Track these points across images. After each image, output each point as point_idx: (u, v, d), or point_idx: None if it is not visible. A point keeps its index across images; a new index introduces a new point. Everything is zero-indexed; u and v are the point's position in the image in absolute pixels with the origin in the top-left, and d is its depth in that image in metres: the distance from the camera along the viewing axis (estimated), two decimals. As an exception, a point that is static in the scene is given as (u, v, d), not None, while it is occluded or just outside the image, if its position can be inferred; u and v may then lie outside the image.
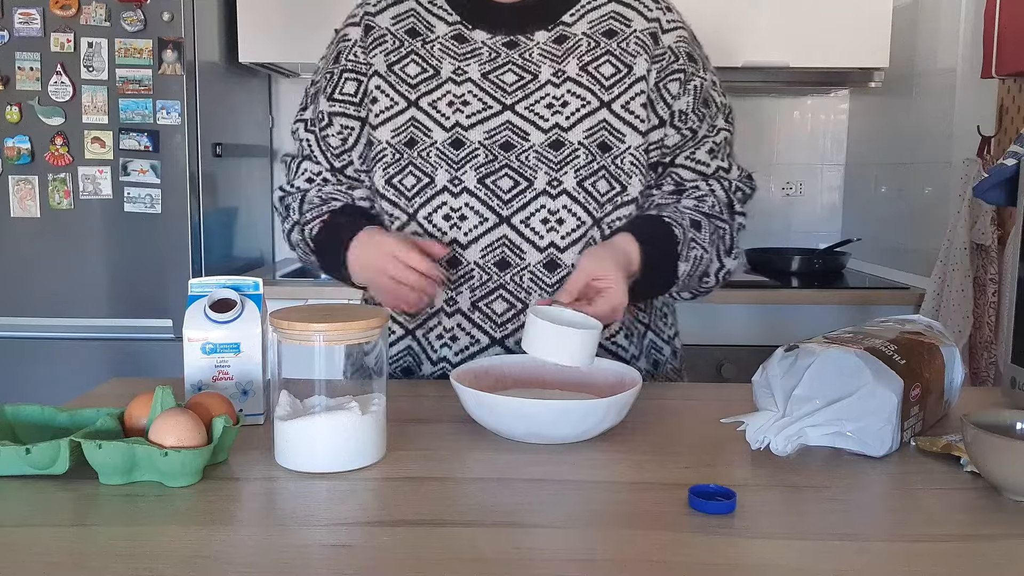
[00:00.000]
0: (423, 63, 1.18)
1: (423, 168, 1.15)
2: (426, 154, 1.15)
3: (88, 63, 2.24)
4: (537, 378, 1.06)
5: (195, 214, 2.34)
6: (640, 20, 1.18)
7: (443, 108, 1.15)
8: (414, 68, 1.17)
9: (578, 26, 1.18)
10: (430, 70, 1.17)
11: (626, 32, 1.18)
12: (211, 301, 0.98)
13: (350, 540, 0.68)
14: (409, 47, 1.19)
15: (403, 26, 1.20)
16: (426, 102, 1.16)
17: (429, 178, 1.15)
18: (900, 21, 2.58)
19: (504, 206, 1.13)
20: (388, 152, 1.17)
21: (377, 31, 1.21)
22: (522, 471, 0.84)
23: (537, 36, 1.17)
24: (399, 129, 1.16)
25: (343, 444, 0.84)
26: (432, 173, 1.14)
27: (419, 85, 1.17)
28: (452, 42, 1.18)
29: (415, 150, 1.15)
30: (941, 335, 1.03)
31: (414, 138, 1.15)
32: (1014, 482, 0.77)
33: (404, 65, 1.18)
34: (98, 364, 2.31)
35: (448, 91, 1.16)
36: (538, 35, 1.17)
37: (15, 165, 2.27)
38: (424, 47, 1.18)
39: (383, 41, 1.20)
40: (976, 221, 2.15)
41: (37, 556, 0.65)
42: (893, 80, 2.66)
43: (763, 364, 0.93)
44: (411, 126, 1.16)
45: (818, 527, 0.72)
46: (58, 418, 0.89)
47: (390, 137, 1.17)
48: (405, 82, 1.17)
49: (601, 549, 0.67)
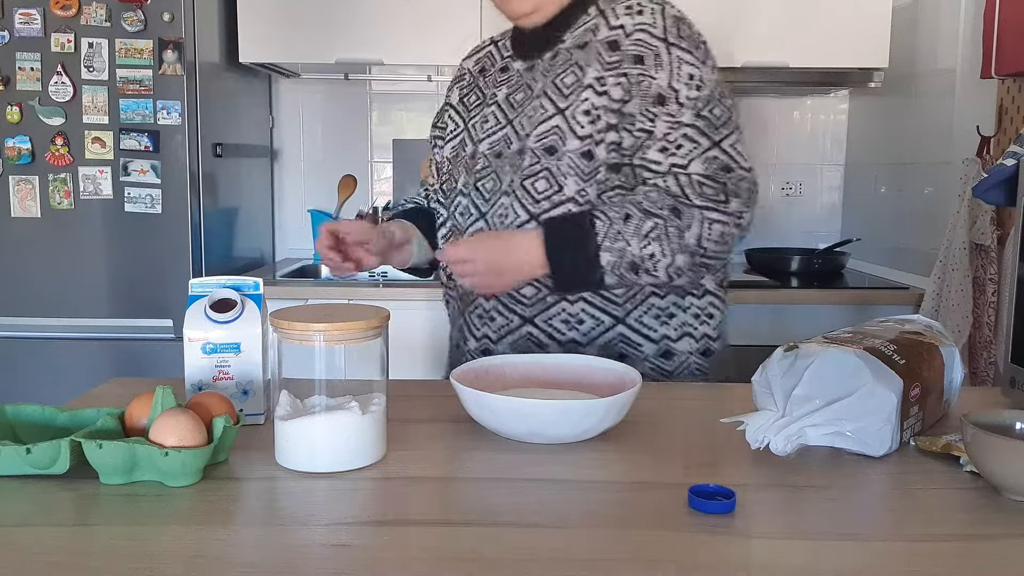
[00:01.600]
0: (479, 92, 1.40)
1: (456, 176, 1.38)
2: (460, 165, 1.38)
3: (88, 63, 2.24)
4: (537, 378, 1.06)
5: (195, 214, 2.34)
6: (604, 29, 1.26)
7: (478, 127, 1.36)
8: (473, 98, 1.40)
9: (567, 42, 1.30)
10: (482, 97, 1.39)
11: (592, 41, 1.26)
12: (211, 301, 0.98)
13: (350, 540, 0.68)
14: (474, 81, 1.42)
15: (477, 66, 1.44)
16: (472, 124, 1.38)
17: (455, 182, 1.37)
18: (900, 21, 2.58)
19: (485, 203, 1.31)
20: (445, 166, 1.41)
21: (461, 70, 1.47)
22: (522, 471, 0.84)
23: (545, 56, 1.31)
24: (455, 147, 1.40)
25: (343, 444, 0.84)
26: (457, 179, 1.37)
27: (473, 111, 1.39)
28: (499, 72, 1.39)
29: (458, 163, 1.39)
30: (941, 335, 1.03)
31: (459, 154, 1.39)
32: (1014, 482, 0.77)
33: (468, 95, 1.42)
34: (98, 364, 2.31)
35: (482, 112, 1.37)
36: (546, 56, 1.31)
37: (15, 165, 2.27)
38: (484, 79, 1.41)
39: (461, 79, 1.45)
40: (976, 221, 2.15)
41: (37, 556, 0.65)
42: (893, 80, 2.66)
43: (763, 364, 0.94)
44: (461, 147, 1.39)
45: (818, 527, 0.72)
46: (58, 418, 0.89)
47: (449, 154, 1.41)
48: (467, 110, 1.40)
49: (601, 549, 0.67)
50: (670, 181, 1.21)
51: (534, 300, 1.28)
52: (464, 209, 1.34)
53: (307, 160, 3.03)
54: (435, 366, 2.40)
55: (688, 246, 1.20)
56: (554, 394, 1.04)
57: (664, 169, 1.22)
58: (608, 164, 1.23)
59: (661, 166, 1.22)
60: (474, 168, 1.33)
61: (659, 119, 1.21)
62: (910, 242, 2.60)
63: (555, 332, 1.28)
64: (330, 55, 2.58)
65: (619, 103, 1.22)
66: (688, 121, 1.21)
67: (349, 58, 2.58)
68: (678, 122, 1.21)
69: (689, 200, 1.20)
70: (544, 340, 1.28)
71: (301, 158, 3.03)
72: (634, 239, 1.18)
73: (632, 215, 1.19)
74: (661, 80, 1.21)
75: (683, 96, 1.21)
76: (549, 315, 1.28)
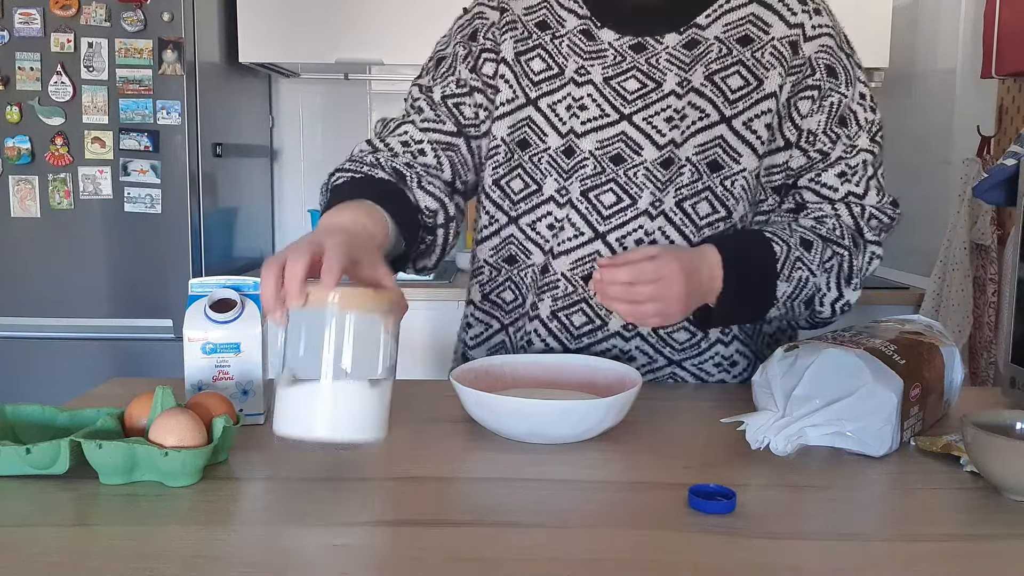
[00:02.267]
0: (549, 59, 1.12)
1: (532, 174, 1.12)
2: (537, 159, 1.11)
3: (88, 63, 2.24)
4: (537, 378, 1.06)
5: (195, 214, 2.34)
6: (781, 26, 1.08)
7: (561, 112, 1.10)
8: (539, 63, 1.12)
9: (712, 29, 1.09)
10: (555, 68, 1.11)
11: (763, 40, 1.08)
12: (211, 301, 0.98)
13: (350, 540, 0.68)
14: (537, 40, 1.13)
15: (534, 18, 1.14)
16: (545, 103, 1.11)
17: (537, 185, 1.12)
18: (900, 21, 2.58)
19: (603, 222, 1.09)
20: (502, 149, 1.14)
21: (510, 15, 1.15)
22: (522, 471, 0.84)
23: (667, 39, 1.09)
24: (515, 127, 1.13)
25: (344, 411, 0.79)
26: (541, 180, 1.12)
27: (541, 83, 1.11)
28: (580, 38, 1.11)
29: (527, 153, 1.12)
30: (941, 335, 1.03)
31: (527, 140, 1.12)
32: (1014, 482, 0.77)
33: (530, 59, 1.12)
34: (98, 364, 2.31)
35: (568, 93, 1.10)
36: (668, 38, 1.09)
37: (15, 165, 2.27)
38: (553, 42, 1.12)
39: (514, 27, 1.14)
40: (976, 221, 2.15)
41: (37, 556, 0.65)
42: (893, 80, 2.66)
43: (763, 364, 0.94)
44: (526, 126, 1.12)
45: (818, 527, 0.72)
46: (58, 418, 0.89)
47: (505, 134, 1.13)
48: (528, 77, 1.12)
49: (601, 549, 0.67)
50: (842, 210, 1.10)
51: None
52: (560, 223, 1.10)
53: (307, 160, 3.03)
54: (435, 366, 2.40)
55: (853, 280, 1.09)
56: (554, 394, 1.03)
57: (838, 196, 1.10)
58: (773, 186, 1.11)
59: (837, 192, 1.10)
60: (575, 171, 1.09)
61: (840, 141, 1.09)
62: (910, 242, 2.60)
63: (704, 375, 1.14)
64: (330, 55, 2.58)
65: (803, 119, 1.08)
66: (864, 146, 1.10)
67: (349, 58, 2.58)
68: (853, 146, 1.10)
69: (863, 233, 1.10)
70: None
71: (301, 158, 3.03)
72: (817, 271, 1.05)
73: (813, 242, 1.05)
74: (847, 96, 1.09)
75: (861, 118, 1.10)
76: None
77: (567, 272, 1.12)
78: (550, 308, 1.14)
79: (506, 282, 1.19)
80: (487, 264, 1.20)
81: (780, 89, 1.07)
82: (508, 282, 1.19)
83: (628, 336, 1.12)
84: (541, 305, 1.14)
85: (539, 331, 1.15)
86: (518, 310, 1.18)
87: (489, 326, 1.22)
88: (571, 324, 1.13)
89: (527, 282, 1.16)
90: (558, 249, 1.12)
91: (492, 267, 1.20)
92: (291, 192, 3.04)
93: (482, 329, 1.23)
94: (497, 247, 1.18)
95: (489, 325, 1.22)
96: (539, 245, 1.13)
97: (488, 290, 1.21)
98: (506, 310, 1.19)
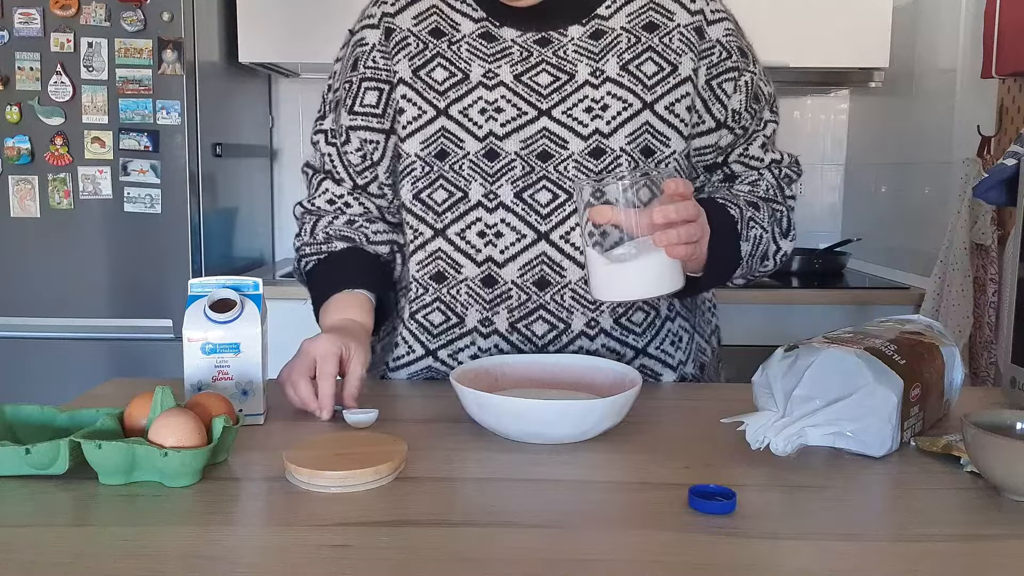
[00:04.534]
0: (451, 66, 1.10)
1: (455, 182, 1.10)
2: (458, 167, 1.10)
3: (88, 63, 2.24)
4: (537, 378, 1.06)
5: (195, 214, 2.34)
6: (683, 13, 1.11)
7: (475, 116, 1.08)
8: (441, 73, 1.10)
9: (615, 19, 1.10)
10: (459, 74, 1.09)
11: (669, 26, 1.10)
12: (211, 301, 0.98)
13: (350, 540, 0.68)
14: (434, 49, 1.10)
15: (426, 26, 1.12)
16: (456, 110, 1.09)
17: (462, 192, 1.10)
18: (900, 21, 2.58)
19: (543, 221, 1.08)
20: (417, 165, 1.12)
21: (399, 33, 1.13)
22: (522, 471, 0.84)
23: (571, 31, 1.09)
24: (428, 140, 1.10)
25: None
26: (465, 187, 1.10)
27: (448, 91, 1.09)
28: (480, 41, 1.10)
29: (446, 162, 1.10)
30: (941, 335, 1.03)
31: (445, 149, 1.09)
32: (1014, 482, 0.77)
33: (431, 70, 1.10)
34: (98, 364, 2.31)
35: (480, 97, 1.08)
36: (572, 30, 1.09)
37: (15, 165, 2.27)
38: (450, 48, 1.10)
39: (406, 44, 1.12)
40: (976, 221, 2.15)
41: (37, 556, 0.65)
42: (893, 80, 2.66)
43: (763, 364, 0.93)
44: (441, 136, 1.10)
45: (818, 527, 0.72)
46: (58, 418, 0.89)
47: (419, 149, 1.11)
48: (433, 89, 1.10)
49: (601, 549, 0.67)
50: (767, 175, 1.19)
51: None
52: (494, 228, 1.09)
53: (307, 160, 3.03)
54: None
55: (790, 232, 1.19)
56: (554, 394, 1.03)
57: (764, 165, 1.20)
58: (705, 165, 1.18)
59: (763, 162, 1.19)
60: (501, 173, 1.08)
61: (756, 115, 1.17)
62: (910, 242, 2.60)
63: None
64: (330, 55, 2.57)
65: (729, 98, 1.13)
66: (769, 118, 1.20)
67: (349, 58, 2.57)
68: (762, 118, 1.19)
69: (783, 190, 1.20)
70: None
71: (301, 158, 3.02)
72: (767, 227, 1.12)
73: (757, 203, 1.12)
74: (756, 74, 1.16)
75: (765, 92, 1.19)
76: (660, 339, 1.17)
77: (517, 280, 1.10)
78: (507, 320, 1.12)
79: (434, 302, 1.15)
80: (415, 280, 1.18)
81: (695, 73, 1.11)
82: (437, 302, 1.15)
83: (592, 335, 1.12)
84: (496, 319, 1.12)
85: (500, 346, 1.12)
86: (445, 335, 1.15)
87: (412, 349, 1.18)
88: (533, 334, 1.12)
89: (461, 299, 1.13)
90: (502, 257, 1.10)
91: (420, 284, 1.17)
92: (291, 192, 3.04)
93: (405, 351, 1.19)
94: (423, 262, 1.16)
95: (412, 348, 1.18)
96: (470, 256, 1.11)
97: (415, 308, 1.17)
98: (433, 334, 1.16)
